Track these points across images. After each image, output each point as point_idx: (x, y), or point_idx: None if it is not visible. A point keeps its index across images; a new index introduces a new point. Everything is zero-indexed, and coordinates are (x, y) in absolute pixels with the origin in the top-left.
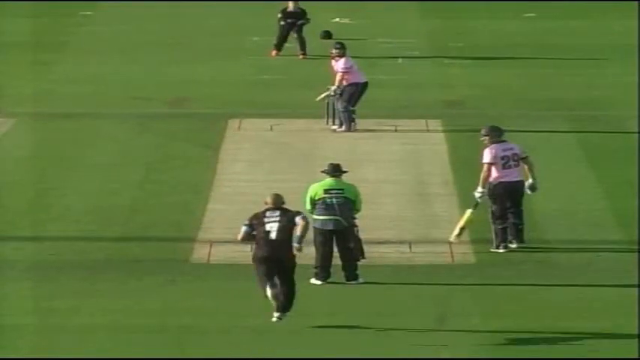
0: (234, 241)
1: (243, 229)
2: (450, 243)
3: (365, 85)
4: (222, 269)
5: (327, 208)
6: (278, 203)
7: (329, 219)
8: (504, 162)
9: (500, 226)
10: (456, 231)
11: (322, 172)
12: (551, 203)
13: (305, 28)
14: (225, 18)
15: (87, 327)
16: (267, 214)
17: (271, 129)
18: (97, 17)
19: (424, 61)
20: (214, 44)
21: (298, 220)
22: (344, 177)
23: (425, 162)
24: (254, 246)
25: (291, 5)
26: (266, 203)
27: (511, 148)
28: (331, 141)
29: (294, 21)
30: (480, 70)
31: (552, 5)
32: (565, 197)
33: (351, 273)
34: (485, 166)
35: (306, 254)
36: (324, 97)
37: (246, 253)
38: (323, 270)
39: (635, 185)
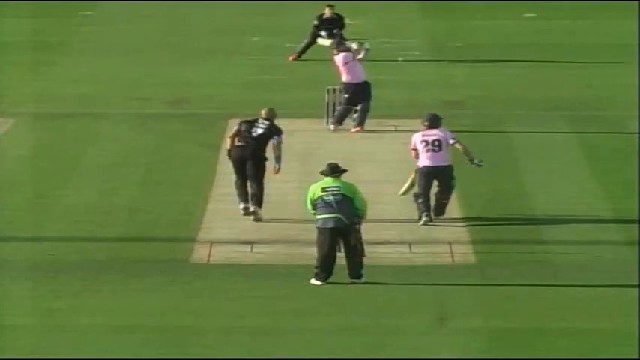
0: (234, 241)
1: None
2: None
3: (362, 84)
4: (222, 269)
5: (326, 206)
6: (270, 115)
7: (329, 217)
8: (425, 147)
9: (421, 201)
10: (405, 188)
11: (321, 173)
12: (551, 203)
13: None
14: (225, 18)
15: (87, 327)
16: (259, 121)
17: None
18: (97, 17)
19: (424, 61)
20: (214, 44)
21: (274, 140)
22: (344, 177)
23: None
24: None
25: (327, 12)
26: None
27: (434, 135)
28: (331, 141)
29: (332, 28)
30: (480, 70)
31: (552, 5)
32: (565, 197)
33: (354, 271)
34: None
35: (304, 254)
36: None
37: (246, 253)
38: (323, 270)
39: (635, 185)
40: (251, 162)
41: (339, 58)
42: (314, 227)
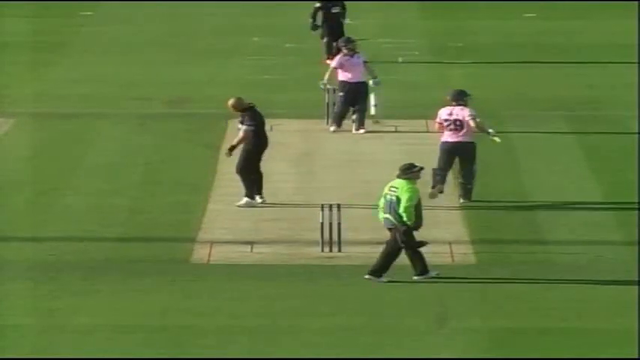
0: (234, 241)
1: None
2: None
3: (361, 84)
4: (222, 269)
5: (385, 205)
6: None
7: (383, 217)
8: (448, 125)
9: (438, 174)
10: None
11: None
12: (551, 203)
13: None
14: (225, 18)
15: (87, 327)
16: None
17: (271, 129)
18: (97, 17)
19: (424, 61)
20: (214, 44)
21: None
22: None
23: (425, 162)
24: None
25: None
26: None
27: (457, 114)
28: (331, 141)
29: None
30: (480, 70)
31: (552, 5)
32: (565, 197)
33: (415, 269)
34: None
35: (304, 254)
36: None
37: (246, 253)
38: (380, 268)
39: (635, 185)
40: None
41: (351, 59)
42: (313, 227)
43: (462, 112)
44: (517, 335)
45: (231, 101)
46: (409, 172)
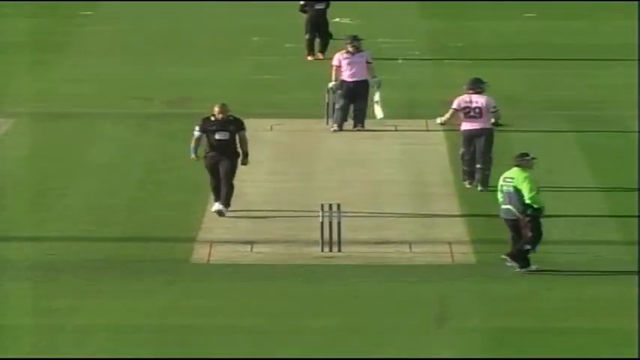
0: (234, 241)
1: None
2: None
3: (362, 82)
4: (222, 269)
5: (502, 196)
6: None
7: (502, 208)
8: (467, 113)
9: (465, 161)
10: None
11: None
12: (551, 203)
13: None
14: (225, 18)
15: (87, 327)
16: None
17: (271, 129)
18: (97, 17)
19: (424, 61)
20: (214, 44)
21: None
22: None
23: (425, 162)
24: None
25: None
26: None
27: (477, 102)
28: (331, 141)
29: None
30: (480, 70)
31: (552, 5)
32: (565, 197)
33: (518, 261)
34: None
35: (304, 254)
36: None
37: (246, 253)
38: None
39: (635, 185)
40: None
41: (352, 57)
42: (313, 227)
43: (481, 100)
44: (517, 335)
45: (223, 106)
46: (521, 159)
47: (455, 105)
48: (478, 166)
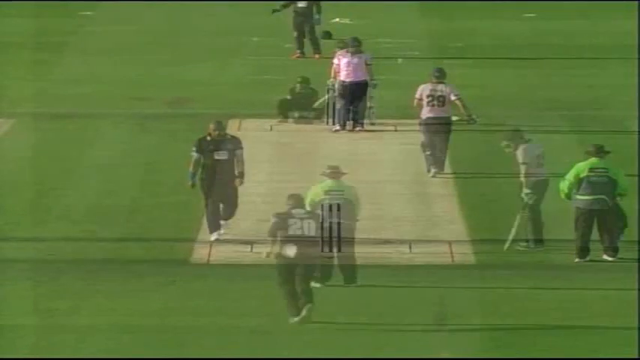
0: (234, 241)
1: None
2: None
3: (362, 83)
4: (222, 269)
5: (590, 187)
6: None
7: (593, 199)
8: (431, 101)
9: (428, 153)
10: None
11: (586, 152)
12: (551, 203)
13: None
14: (225, 18)
15: (87, 327)
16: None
17: (271, 129)
18: (97, 17)
19: (424, 61)
20: (214, 44)
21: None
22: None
23: (425, 162)
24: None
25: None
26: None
27: (441, 91)
28: (331, 141)
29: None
30: (480, 70)
31: (552, 5)
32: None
33: (608, 250)
34: None
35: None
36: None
37: (246, 253)
38: (582, 250)
39: (635, 185)
40: None
41: (350, 59)
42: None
43: (445, 89)
44: (517, 335)
45: (218, 123)
46: (603, 152)
47: (418, 94)
48: (437, 154)
